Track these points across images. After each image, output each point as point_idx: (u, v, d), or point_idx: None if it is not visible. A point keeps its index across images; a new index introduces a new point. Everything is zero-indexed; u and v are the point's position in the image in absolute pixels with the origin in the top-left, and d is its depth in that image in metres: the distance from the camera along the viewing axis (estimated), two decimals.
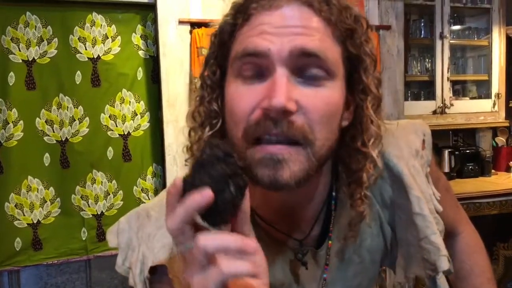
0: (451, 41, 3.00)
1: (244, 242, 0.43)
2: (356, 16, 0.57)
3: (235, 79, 0.55)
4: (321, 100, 0.53)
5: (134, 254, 0.59)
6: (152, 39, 2.20)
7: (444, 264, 0.67)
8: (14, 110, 2.02)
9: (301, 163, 0.52)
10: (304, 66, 0.53)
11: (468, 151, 3.12)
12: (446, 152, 3.06)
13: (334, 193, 0.67)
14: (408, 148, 0.69)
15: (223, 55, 0.58)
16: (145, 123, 2.22)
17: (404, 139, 0.69)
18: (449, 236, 0.88)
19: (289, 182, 0.52)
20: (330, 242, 0.67)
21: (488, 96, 3.16)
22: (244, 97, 0.53)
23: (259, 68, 0.53)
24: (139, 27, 2.17)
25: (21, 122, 2.03)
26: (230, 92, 0.55)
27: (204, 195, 0.41)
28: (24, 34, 2.02)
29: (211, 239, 0.42)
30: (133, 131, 2.20)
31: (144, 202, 2.22)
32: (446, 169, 3.05)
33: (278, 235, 0.64)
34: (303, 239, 0.65)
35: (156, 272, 0.58)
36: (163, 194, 0.66)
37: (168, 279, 0.58)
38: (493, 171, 3.17)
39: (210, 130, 0.59)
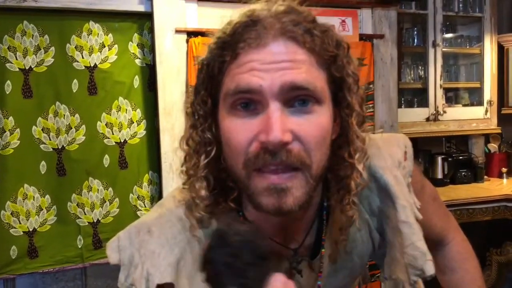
0: (443, 49, 3.05)
1: None
2: (338, 41, 0.61)
3: (228, 113, 0.58)
4: (314, 126, 0.57)
5: (137, 271, 0.60)
6: (149, 47, 2.21)
7: (430, 268, 0.69)
8: (10, 118, 2.02)
9: (302, 188, 0.56)
10: (294, 97, 0.56)
11: (461, 157, 3.16)
12: (439, 159, 3.10)
13: (325, 204, 0.70)
14: (391, 159, 0.73)
15: (214, 87, 0.61)
16: (141, 130, 2.23)
17: (387, 151, 0.73)
18: (439, 244, 0.90)
19: (293, 208, 0.56)
20: (323, 250, 0.70)
21: (480, 103, 3.21)
22: (240, 131, 0.57)
23: (252, 102, 0.56)
24: (136, 35, 2.19)
25: (18, 130, 2.04)
26: (226, 126, 0.59)
27: None
28: (21, 43, 2.03)
29: None
30: (130, 138, 2.21)
31: (140, 210, 2.23)
32: (440, 176, 3.09)
33: (275, 246, 0.67)
34: (297, 248, 0.69)
35: None
36: (161, 210, 0.67)
37: None
38: (485, 177, 3.21)
39: (206, 158, 0.63)
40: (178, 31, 2.07)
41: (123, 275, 0.61)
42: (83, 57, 2.12)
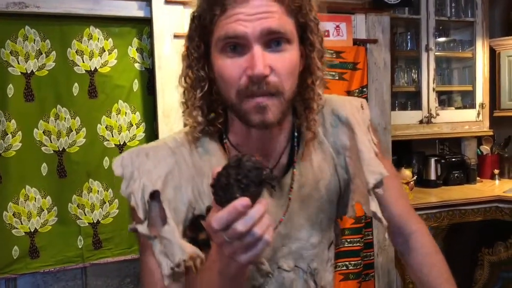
0: (436, 53, 3.11)
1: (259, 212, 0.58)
2: None
3: (220, 55, 0.74)
4: (286, 62, 0.74)
5: (136, 184, 0.75)
6: (148, 52, 2.27)
7: (384, 171, 0.85)
8: (13, 121, 2.07)
9: (278, 107, 0.74)
10: (271, 39, 0.72)
11: (454, 159, 3.22)
12: (433, 160, 3.16)
13: (296, 133, 0.88)
14: (350, 105, 0.93)
15: (205, 34, 0.76)
16: (140, 133, 2.28)
17: (347, 100, 0.96)
18: (402, 232, 0.96)
19: (273, 121, 0.74)
20: (295, 170, 0.86)
21: (472, 106, 3.27)
22: (231, 68, 0.73)
23: (239, 45, 0.72)
24: (135, 40, 2.24)
25: (20, 133, 2.08)
26: (219, 64, 0.74)
27: (244, 204, 0.56)
28: (23, 48, 2.08)
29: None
30: (129, 141, 2.26)
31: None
32: (433, 177, 3.15)
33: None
34: (273, 167, 0.84)
35: (154, 197, 0.75)
36: (159, 140, 0.87)
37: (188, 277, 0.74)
38: (478, 178, 3.27)
39: (201, 92, 0.79)
40: (176, 36, 2.11)
41: (124, 186, 0.76)
42: (83, 61, 2.16)
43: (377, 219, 0.84)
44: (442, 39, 3.26)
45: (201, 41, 0.77)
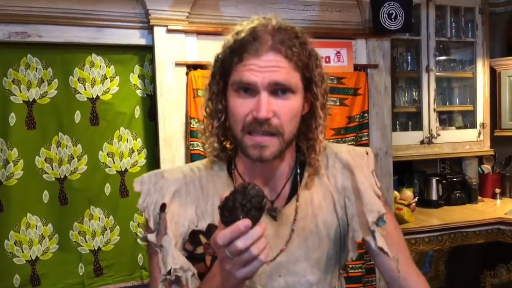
0: (437, 74, 3.12)
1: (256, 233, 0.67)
2: (310, 52, 0.88)
3: (234, 93, 0.86)
4: (288, 109, 0.85)
5: (151, 199, 0.90)
6: (150, 78, 2.27)
7: (382, 208, 0.91)
8: (14, 149, 2.07)
9: (276, 146, 0.85)
10: (277, 89, 0.84)
11: (455, 179, 3.22)
12: (434, 180, 3.16)
13: (298, 169, 0.97)
14: (354, 152, 1.01)
15: (225, 74, 0.89)
16: (142, 159, 2.29)
17: (351, 147, 1.04)
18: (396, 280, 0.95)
19: (269, 157, 0.85)
20: (297, 203, 0.94)
21: (473, 125, 3.27)
22: (241, 107, 0.84)
23: (250, 89, 0.84)
24: (137, 67, 2.25)
25: (21, 161, 2.09)
26: (232, 102, 0.86)
27: (245, 225, 0.65)
28: (25, 76, 2.09)
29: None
30: (130, 167, 2.26)
31: (140, 237, 2.27)
32: (434, 197, 3.15)
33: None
34: (275, 199, 0.94)
35: (162, 209, 0.88)
36: (174, 167, 1.06)
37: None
38: (479, 197, 3.27)
39: (218, 122, 0.92)
40: (178, 64, 2.13)
41: (141, 200, 0.90)
42: (85, 89, 2.17)
43: (385, 254, 0.90)
44: (442, 58, 3.26)
45: (221, 79, 0.90)
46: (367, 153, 1.02)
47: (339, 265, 0.99)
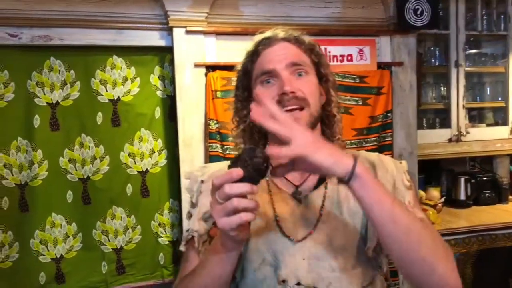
0: (466, 69, 2.99)
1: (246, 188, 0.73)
2: (319, 53, 1.04)
3: (258, 85, 0.98)
4: (308, 83, 0.97)
5: (196, 182, 1.06)
6: (170, 79, 2.28)
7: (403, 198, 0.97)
8: (39, 151, 2.12)
9: (306, 119, 0.94)
10: (294, 71, 0.97)
11: (485, 178, 3.09)
12: (463, 180, 3.04)
13: None
14: (384, 158, 1.06)
15: (247, 79, 1.03)
16: (162, 160, 2.30)
17: (382, 155, 1.08)
18: None
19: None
20: (326, 190, 0.99)
21: (505, 122, 3.13)
22: (267, 91, 0.96)
23: (271, 78, 0.97)
24: (157, 68, 2.26)
25: (46, 162, 2.14)
26: (257, 91, 0.98)
27: (237, 173, 0.72)
28: (48, 78, 2.13)
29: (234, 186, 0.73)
30: (151, 168, 2.28)
31: (161, 236, 2.30)
32: (463, 197, 3.04)
33: (283, 185, 1.02)
34: (302, 183, 1.00)
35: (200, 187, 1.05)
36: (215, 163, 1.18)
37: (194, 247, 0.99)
38: (510, 197, 3.14)
39: (243, 125, 1.05)
40: (197, 65, 2.12)
41: (188, 182, 1.06)
42: (107, 91, 2.20)
43: None
44: (472, 52, 3.13)
45: (245, 88, 1.04)
46: (401, 161, 1.08)
47: (365, 256, 0.96)
